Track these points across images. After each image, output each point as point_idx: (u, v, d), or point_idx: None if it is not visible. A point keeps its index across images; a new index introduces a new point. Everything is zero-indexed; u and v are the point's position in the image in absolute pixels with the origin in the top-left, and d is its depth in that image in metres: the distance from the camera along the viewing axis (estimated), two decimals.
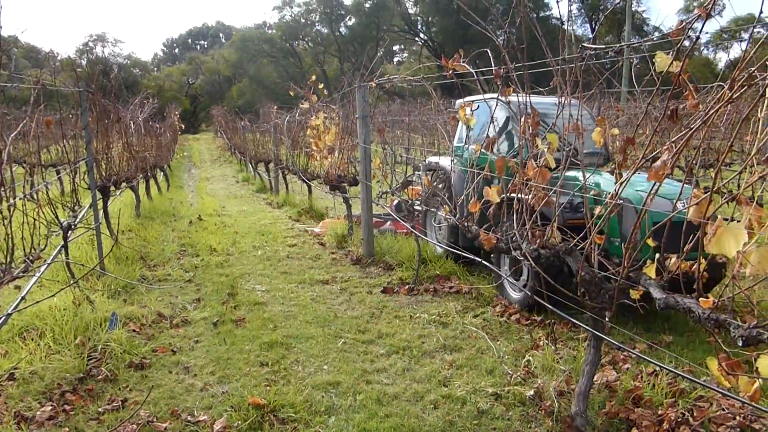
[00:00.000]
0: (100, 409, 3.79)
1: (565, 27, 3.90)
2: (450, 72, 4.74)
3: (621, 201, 4.19)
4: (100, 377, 4.21)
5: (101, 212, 7.25)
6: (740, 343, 2.32)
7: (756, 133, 2.66)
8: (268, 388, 4.05)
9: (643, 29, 45.12)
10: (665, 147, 2.66)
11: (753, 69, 2.42)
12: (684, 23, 2.73)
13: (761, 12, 2.47)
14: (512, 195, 4.12)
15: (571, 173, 5.11)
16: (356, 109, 7.50)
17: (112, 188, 8.29)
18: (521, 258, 3.95)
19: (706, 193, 2.49)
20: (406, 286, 6.40)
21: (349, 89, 7.96)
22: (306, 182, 11.75)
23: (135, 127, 11.12)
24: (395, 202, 8.69)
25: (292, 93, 11.11)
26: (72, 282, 5.33)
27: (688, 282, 2.60)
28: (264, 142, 16.81)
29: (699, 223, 2.47)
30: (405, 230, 8.09)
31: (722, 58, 44.21)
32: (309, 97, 9.80)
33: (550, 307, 3.58)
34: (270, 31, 67.21)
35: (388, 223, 9.19)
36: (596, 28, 43.93)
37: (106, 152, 7.96)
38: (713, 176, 2.48)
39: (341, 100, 9.32)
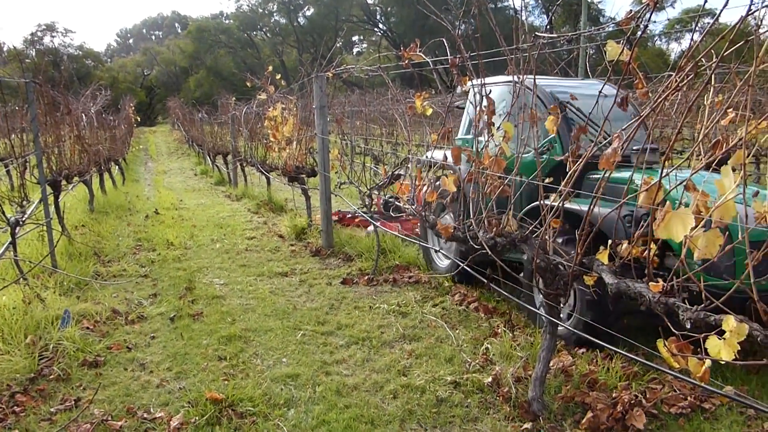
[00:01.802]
0: (52, 410, 3.68)
1: (519, 16, 3.92)
2: (406, 62, 4.72)
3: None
4: (52, 377, 4.09)
5: (52, 207, 7.04)
6: (688, 326, 2.38)
7: (704, 121, 2.73)
8: (226, 382, 4.00)
9: (599, 20, 45.84)
10: (615, 135, 2.70)
11: (699, 57, 2.48)
12: (633, 13, 2.77)
13: (706, 1, 2.54)
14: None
15: (621, 174, 3.93)
16: (314, 100, 7.43)
17: (64, 182, 8.06)
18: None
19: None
20: (366, 277, 6.39)
21: (307, 79, 7.89)
22: (264, 174, 11.63)
23: (87, 119, 10.84)
24: (383, 200, 8.52)
25: (249, 84, 10.95)
26: (19, 277, 5.16)
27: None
28: (222, 134, 16.55)
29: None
30: (395, 231, 7.21)
31: (675, 49, 45.33)
32: (267, 88, 9.68)
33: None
34: (227, 21, 66.02)
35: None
36: (551, 17, 44.51)
37: (57, 145, 7.73)
38: (661, 162, 2.53)
39: (299, 91, 9.25)
